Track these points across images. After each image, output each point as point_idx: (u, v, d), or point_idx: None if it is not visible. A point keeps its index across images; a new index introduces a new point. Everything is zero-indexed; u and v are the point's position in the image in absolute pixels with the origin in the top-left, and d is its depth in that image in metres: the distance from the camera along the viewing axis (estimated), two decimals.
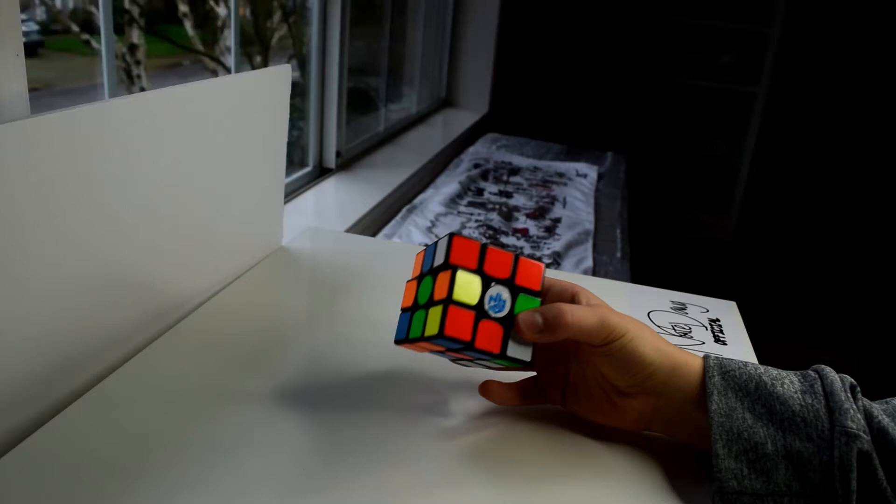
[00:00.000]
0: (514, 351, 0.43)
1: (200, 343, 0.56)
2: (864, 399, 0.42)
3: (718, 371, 0.44)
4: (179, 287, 0.59)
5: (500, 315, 0.44)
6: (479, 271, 0.44)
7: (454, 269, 0.43)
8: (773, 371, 0.44)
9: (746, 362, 0.44)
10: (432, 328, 0.42)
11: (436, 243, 0.46)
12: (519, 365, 0.44)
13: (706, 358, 0.45)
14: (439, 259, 0.44)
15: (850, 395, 0.41)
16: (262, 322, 0.61)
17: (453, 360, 0.48)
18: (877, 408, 0.41)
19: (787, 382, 0.43)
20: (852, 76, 3.16)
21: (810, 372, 0.44)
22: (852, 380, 0.43)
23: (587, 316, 0.43)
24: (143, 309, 0.55)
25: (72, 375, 0.49)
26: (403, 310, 0.47)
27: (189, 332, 0.58)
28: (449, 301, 0.42)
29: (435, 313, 0.42)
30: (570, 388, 0.48)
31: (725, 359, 0.45)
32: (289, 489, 0.41)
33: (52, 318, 0.46)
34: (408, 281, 0.48)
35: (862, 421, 0.40)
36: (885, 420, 0.40)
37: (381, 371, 0.54)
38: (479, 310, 0.43)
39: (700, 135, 3.50)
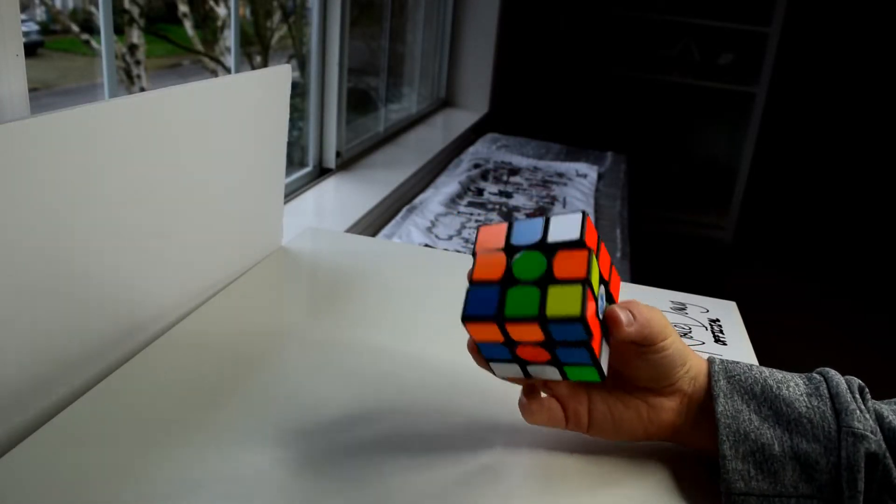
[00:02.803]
0: (604, 359, 0.39)
1: (200, 343, 0.56)
2: (874, 401, 0.42)
3: (724, 375, 0.43)
4: (179, 287, 0.59)
5: (601, 316, 0.39)
6: (597, 260, 0.40)
7: (591, 252, 0.38)
8: (778, 374, 0.44)
9: (752, 365, 0.44)
10: (564, 308, 0.36)
11: (547, 218, 0.40)
12: (591, 379, 0.40)
13: (710, 362, 0.45)
14: (559, 235, 0.39)
15: (857, 396, 0.41)
16: (262, 322, 0.61)
17: (504, 361, 0.41)
18: (887, 408, 0.41)
19: (793, 385, 0.43)
20: (851, 76, 3.17)
21: (815, 375, 0.44)
22: (860, 381, 0.43)
23: (654, 314, 0.41)
24: (142, 309, 0.55)
25: (71, 375, 0.49)
26: (480, 283, 0.40)
27: (189, 332, 0.58)
28: (587, 283, 0.37)
29: (569, 294, 0.37)
30: (599, 406, 0.44)
31: (730, 362, 0.45)
32: (288, 489, 0.41)
33: (51, 318, 0.46)
34: (480, 253, 0.41)
35: (870, 422, 0.40)
36: None
37: (382, 371, 0.54)
38: (597, 303, 0.39)
39: (700, 135, 3.50)
